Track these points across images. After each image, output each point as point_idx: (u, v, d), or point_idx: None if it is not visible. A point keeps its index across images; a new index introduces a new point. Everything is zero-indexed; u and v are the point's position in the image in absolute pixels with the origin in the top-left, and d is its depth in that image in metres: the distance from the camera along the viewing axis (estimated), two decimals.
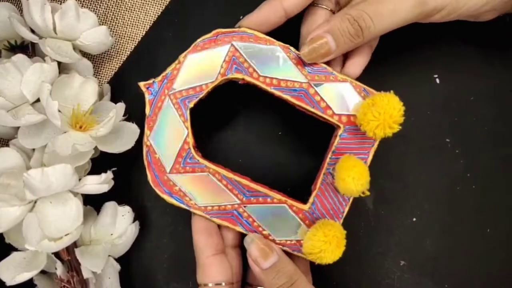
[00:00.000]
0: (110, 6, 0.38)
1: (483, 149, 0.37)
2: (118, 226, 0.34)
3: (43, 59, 0.32)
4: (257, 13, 0.31)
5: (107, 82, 0.38)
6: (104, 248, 0.33)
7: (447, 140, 0.37)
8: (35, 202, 0.31)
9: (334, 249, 0.29)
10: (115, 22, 0.38)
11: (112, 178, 0.32)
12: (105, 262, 0.32)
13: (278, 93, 0.31)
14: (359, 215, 0.36)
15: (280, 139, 0.37)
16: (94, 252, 0.33)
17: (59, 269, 0.31)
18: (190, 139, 0.31)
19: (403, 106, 0.29)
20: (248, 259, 0.31)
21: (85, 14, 0.33)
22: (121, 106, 0.33)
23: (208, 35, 0.31)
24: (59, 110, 0.29)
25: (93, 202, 0.34)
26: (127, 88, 0.37)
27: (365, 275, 0.36)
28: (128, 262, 0.36)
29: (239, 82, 0.32)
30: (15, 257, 0.32)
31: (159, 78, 0.31)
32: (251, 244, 0.30)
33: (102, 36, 0.34)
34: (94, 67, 0.36)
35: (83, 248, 0.33)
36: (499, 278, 0.36)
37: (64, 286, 0.32)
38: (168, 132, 0.31)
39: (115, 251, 0.34)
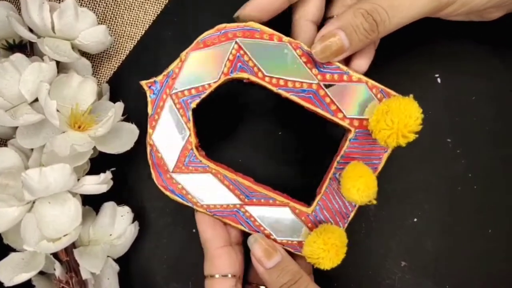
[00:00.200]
0: (109, 5, 0.38)
1: (484, 149, 0.37)
2: (117, 226, 0.34)
3: (42, 58, 0.32)
4: (255, 0, 0.30)
5: (106, 82, 0.37)
6: (103, 249, 0.33)
7: (448, 140, 0.37)
8: (34, 202, 0.31)
9: (333, 257, 0.29)
10: (114, 21, 0.38)
11: (111, 178, 0.32)
12: (104, 263, 0.32)
13: (285, 94, 0.30)
14: (360, 215, 0.36)
15: (281, 139, 0.37)
16: (93, 252, 0.32)
17: (58, 270, 0.31)
18: (193, 139, 0.31)
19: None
20: (252, 259, 0.31)
21: (84, 13, 0.33)
22: (120, 106, 0.32)
23: (211, 30, 0.29)
24: (57, 110, 0.29)
25: (92, 202, 0.34)
26: (126, 87, 0.37)
27: (366, 276, 0.36)
28: (127, 263, 0.36)
29: (244, 81, 0.31)
30: (13, 258, 0.32)
31: (161, 76, 0.30)
32: (255, 244, 0.30)
33: (101, 35, 0.34)
34: (93, 67, 0.36)
35: (81, 249, 0.33)
36: (500, 278, 0.36)
37: (62, 287, 0.32)
38: (170, 132, 0.31)
39: (114, 252, 0.34)
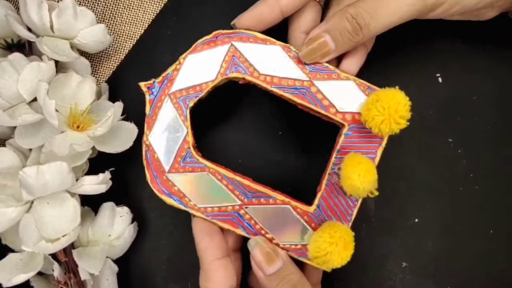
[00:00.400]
0: (108, 4, 0.37)
1: (486, 149, 0.37)
2: (116, 227, 0.34)
3: (40, 58, 0.32)
4: (252, 11, 0.31)
5: (105, 81, 0.37)
6: (102, 249, 0.33)
7: (449, 140, 0.37)
8: (32, 202, 0.31)
9: (341, 251, 0.28)
10: (113, 21, 0.38)
11: (110, 179, 0.32)
12: (103, 264, 0.32)
13: (280, 92, 0.31)
14: (361, 216, 0.36)
15: (280, 139, 0.37)
16: (91, 253, 0.32)
17: (56, 271, 0.31)
18: (190, 139, 0.31)
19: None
20: (252, 263, 0.29)
21: (82, 12, 0.33)
22: (119, 106, 0.32)
23: (208, 36, 0.31)
24: (56, 110, 0.29)
25: (91, 202, 0.34)
26: (125, 87, 0.37)
27: (367, 277, 0.36)
28: (126, 264, 0.36)
29: (239, 82, 0.32)
30: (11, 259, 0.31)
31: (160, 78, 0.31)
32: (255, 247, 0.29)
33: (100, 35, 0.34)
34: (91, 66, 0.36)
35: (80, 250, 0.32)
36: (501, 278, 0.36)
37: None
38: (168, 131, 0.31)
39: (113, 253, 0.34)
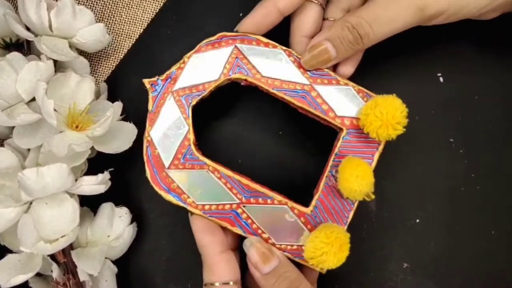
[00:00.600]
0: (107, 3, 0.37)
1: (487, 149, 0.37)
2: (115, 227, 0.34)
3: (39, 57, 0.32)
4: (252, 16, 0.32)
5: (104, 81, 0.37)
6: (101, 250, 0.32)
7: (450, 140, 0.37)
8: (31, 203, 0.31)
9: (337, 252, 0.28)
10: (112, 20, 0.37)
11: (109, 179, 0.32)
12: (102, 265, 0.32)
13: (280, 94, 0.32)
14: (362, 216, 0.36)
15: (280, 139, 0.37)
16: (90, 254, 0.32)
17: (55, 272, 0.31)
18: (191, 136, 0.31)
19: (407, 105, 0.29)
20: (248, 264, 0.30)
21: (81, 12, 0.33)
22: (118, 105, 0.32)
23: (213, 38, 0.32)
24: (55, 109, 0.29)
25: (90, 203, 0.34)
26: (124, 86, 0.37)
27: (368, 278, 0.36)
28: (126, 264, 0.36)
29: (242, 83, 0.32)
30: (10, 259, 0.31)
31: (163, 76, 0.31)
32: (251, 248, 0.30)
33: (99, 34, 0.34)
34: (90, 66, 0.36)
35: (79, 250, 0.32)
36: (501, 279, 0.36)
37: None
38: (169, 128, 0.31)
39: (112, 253, 0.34)
